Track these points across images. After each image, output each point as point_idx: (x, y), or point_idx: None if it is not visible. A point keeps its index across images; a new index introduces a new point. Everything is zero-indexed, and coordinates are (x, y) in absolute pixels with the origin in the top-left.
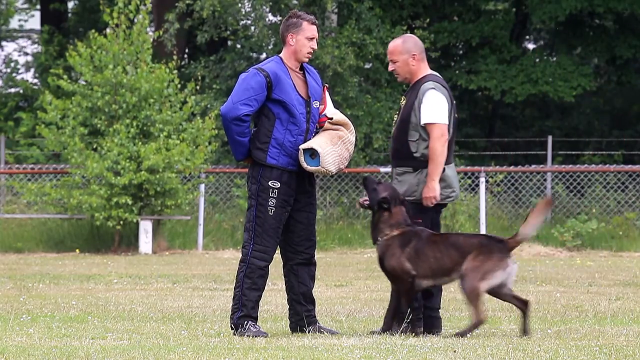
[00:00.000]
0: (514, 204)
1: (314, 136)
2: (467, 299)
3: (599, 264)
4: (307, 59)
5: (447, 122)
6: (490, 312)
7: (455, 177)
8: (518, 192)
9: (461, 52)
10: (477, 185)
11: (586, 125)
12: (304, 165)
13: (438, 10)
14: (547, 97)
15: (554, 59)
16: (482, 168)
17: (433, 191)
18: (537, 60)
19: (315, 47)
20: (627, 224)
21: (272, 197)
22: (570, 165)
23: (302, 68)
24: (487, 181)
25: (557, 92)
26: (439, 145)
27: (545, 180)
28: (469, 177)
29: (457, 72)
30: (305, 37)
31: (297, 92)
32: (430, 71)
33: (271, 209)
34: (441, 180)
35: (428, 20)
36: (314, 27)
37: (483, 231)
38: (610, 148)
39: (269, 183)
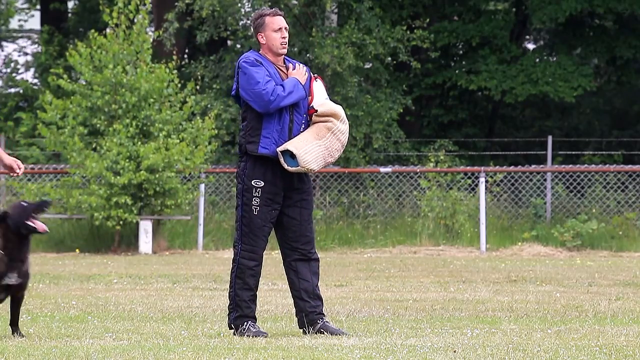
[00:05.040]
0: (513, 204)
1: (301, 131)
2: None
3: (599, 264)
4: (284, 49)
5: None
6: (490, 312)
7: None
8: (518, 192)
9: (461, 52)
10: (477, 185)
11: (586, 125)
12: (285, 166)
13: (438, 10)
14: (547, 97)
15: (554, 59)
16: (482, 168)
17: None
18: (537, 60)
19: (286, 35)
20: (627, 224)
21: (256, 196)
22: (570, 165)
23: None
24: (487, 181)
25: (557, 93)
26: None
27: (545, 180)
28: (469, 177)
29: (457, 72)
30: (272, 30)
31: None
32: None
33: (255, 208)
34: None
35: (428, 20)
36: (278, 17)
37: (483, 231)
38: (610, 148)
39: (252, 182)
